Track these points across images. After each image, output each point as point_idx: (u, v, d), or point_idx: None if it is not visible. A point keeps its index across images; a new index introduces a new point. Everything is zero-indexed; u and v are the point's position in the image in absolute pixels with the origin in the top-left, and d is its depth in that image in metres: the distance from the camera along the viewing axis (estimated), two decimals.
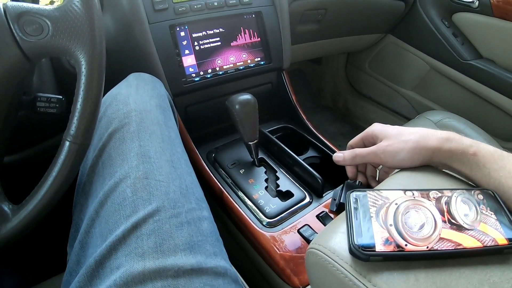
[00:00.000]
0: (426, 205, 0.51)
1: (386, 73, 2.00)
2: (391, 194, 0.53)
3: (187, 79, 0.98)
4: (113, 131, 0.65)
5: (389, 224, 0.48)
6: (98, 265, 0.52)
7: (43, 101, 0.71)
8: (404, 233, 0.47)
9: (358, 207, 0.51)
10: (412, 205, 0.51)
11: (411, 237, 0.47)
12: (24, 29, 0.53)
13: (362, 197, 0.52)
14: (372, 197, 0.52)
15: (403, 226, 0.48)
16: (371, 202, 0.51)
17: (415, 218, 0.49)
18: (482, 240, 0.48)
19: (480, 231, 0.49)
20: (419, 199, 0.52)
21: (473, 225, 0.49)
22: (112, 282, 0.49)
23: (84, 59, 0.54)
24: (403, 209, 0.50)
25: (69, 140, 0.53)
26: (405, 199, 0.52)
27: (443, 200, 0.52)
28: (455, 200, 0.52)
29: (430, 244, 0.46)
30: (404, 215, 0.49)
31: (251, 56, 1.08)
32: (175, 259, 0.51)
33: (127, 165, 0.60)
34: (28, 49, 0.54)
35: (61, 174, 0.54)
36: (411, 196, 0.52)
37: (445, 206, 0.51)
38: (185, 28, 0.97)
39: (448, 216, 0.50)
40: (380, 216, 0.49)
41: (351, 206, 0.51)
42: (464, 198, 0.53)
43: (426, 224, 0.49)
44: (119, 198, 0.57)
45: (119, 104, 0.69)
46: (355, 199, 0.52)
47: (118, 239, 0.53)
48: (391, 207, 0.50)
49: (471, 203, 0.52)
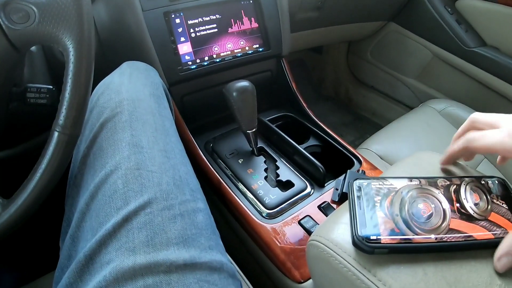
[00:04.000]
0: (434, 193, 0.48)
1: (388, 61, 1.97)
2: (397, 182, 0.50)
3: (183, 67, 0.96)
4: (104, 121, 0.63)
5: (395, 213, 0.46)
6: (88, 260, 0.50)
7: (33, 91, 0.70)
8: (411, 223, 0.45)
9: (361, 196, 0.48)
10: (419, 193, 0.48)
11: (418, 228, 0.44)
12: (10, 17, 0.51)
13: (365, 186, 0.49)
14: (376, 186, 0.49)
15: (410, 216, 0.45)
16: (375, 191, 0.48)
17: (422, 207, 0.47)
18: (494, 231, 0.45)
19: (491, 222, 0.46)
20: (426, 187, 0.49)
21: (484, 215, 0.47)
22: (102, 278, 0.47)
23: (72, 45, 0.52)
24: (410, 198, 0.47)
25: (58, 131, 0.52)
26: (412, 187, 0.49)
27: (452, 189, 0.49)
28: (464, 189, 0.49)
29: (439, 235, 0.44)
30: (411, 204, 0.47)
31: (249, 42, 1.05)
32: (167, 253, 0.49)
33: (118, 155, 0.58)
34: (14, 37, 0.52)
35: (50, 167, 0.52)
36: (418, 184, 0.49)
37: (454, 195, 0.49)
38: (180, 15, 0.95)
39: (457, 206, 0.48)
40: (385, 205, 0.46)
41: (354, 195, 0.49)
42: (474, 186, 0.50)
43: (434, 214, 0.46)
44: (110, 190, 0.55)
45: (111, 93, 0.67)
46: (359, 188, 0.49)
47: (108, 233, 0.51)
48: (397, 195, 0.48)
49: (481, 192, 0.50)
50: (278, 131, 0.99)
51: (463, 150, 0.52)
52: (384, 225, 0.44)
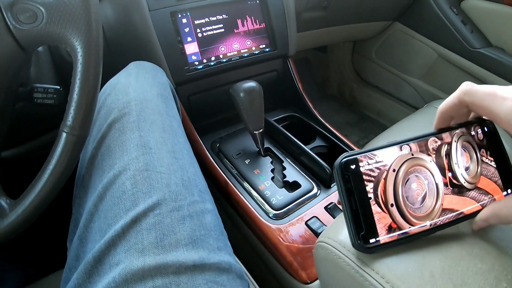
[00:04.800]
0: (427, 164, 0.46)
1: (393, 61, 1.97)
2: (386, 154, 0.45)
3: (189, 67, 0.96)
4: (112, 122, 0.62)
5: (390, 204, 0.44)
6: (97, 261, 0.50)
7: (40, 92, 0.70)
8: (407, 213, 0.44)
9: (352, 188, 0.43)
10: (411, 168, 0.45)
11: (414, 217, 0.44)
12: (18, 17, 0.51)
13: (354, 171, 0.43)
14: (365, 168, 0.44)
15: (405, 203, 0.44)
16: (366, 176, 0.44)
17: (416, 187, 0.45)
18: (482, 201, 0.47)
19: (480, 190, 0.47)
20: (418, 157, 0.46)
21: (473, 182, 0.47)
22: (111, 279, 0.47)
23: (80, 46, 0.52)
24: (403, 177, 0.45)
25: (66, 131, 0.51)
26: (403, 160, 0.45)
27: (443, 151, 0.47)
28: (455, 149, 0.48)
29: (433, 219, 0.45)
30: (405, 186, 0.44)
31: (255, 43, 1.05)
32: (177, 255, 0.49)
33: (126, 156, 0.58)
34: (22, 37, 0.52)
35: (58, 167, 0.52)
36: (409, 152, 0.46)
37: (446, 159, 0.47)
38: (187, 15, 0.95)
39: (449, 176, 0.47)
40: (380, 195, 0.44)
41: (343, 189, 0.43)
42: (465, 142, 0.48)
43: (428, 195, 0.45)
44: (118, 191, 0.55)
45: (118, 94, 0.67)
46: (347, 177, 0.43)
47: (117, 234, 0.50)
48: (389, 176, 0.44)
49: (471, 149, 0.49)
50: (285, 131, 0.99)
51: (458, 105, 0.46)
52: (381, 223, 0.43)
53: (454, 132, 0.49)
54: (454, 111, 0.47)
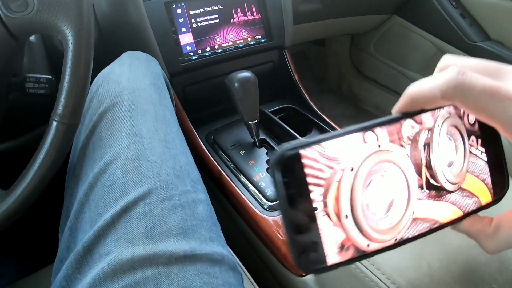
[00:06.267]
0: (398, 159, 0.35)
1: (391, 55, 1.96)
2: (342, 146, 0.33)
3: (184, 57, 0.95)
4: (104, 111, 0.62)
5: (344, 215, 0.33)
6: (87, 251, 0.50)
7: (32, 81, 0.69)
8: (366, 226, 0.33)
9: (293, 192, 0.31)
10: (376, 165, 0.34)
11: (375, 231, 0.34)
12: (8, 5, 0.50)
13: (294, 172, 0.31)
14: (312, 164, 0.32)
15: (364, 213, 0.33)
16: (312, 178, 0.31)
17: (381, 192, 0.34)
18: (464, 206, 0.37)
19: (463, 192, 0.37)
20: (386, 149, 0.35)
21: (456, 182, 0.37)
22: (100, 270, 0.46)
23: (71, 34, 0.52)
24: (364, 179, 0.33)
25: (56, 120, 0.51)
26: (366, 155, 0.34)
27: (422, 140, 0.36)
28: (438, 137, 0.36)
29: (400, 233, 0.35)
30: (366, 191, 0.34)
31: (251, 33, 1.04)
32: (167, 245, 0.48)
33: (117, 145, 0.57)
34: (13, 26, 0.51)
35: (48, 157, 0.52)
36: (375, 144, 0.34)
37: (425, 152, 0.36)
38: (181, 5, 0.94)
39: (427, 175, 0.36)
40: (330, 203, 0.32)
41: (281, 191, 0.31)
42: (451, 126, 0.37)
43: (396, 201, 0.35)
44: (109, 181, 0.54)
45: (111, 83, 0.66)
46: (286, 180, 0.31)
47: (107, 224, 0.50)
48: (345, 178, 0.33)
49: (459, 137, 0.37)
50: (281, 122, 0.98)
51: (439, 100, 0.33)
52: (332, 239, 0.32)
53: (438, 113, 0.37)
54: (430, 104, 0.35)
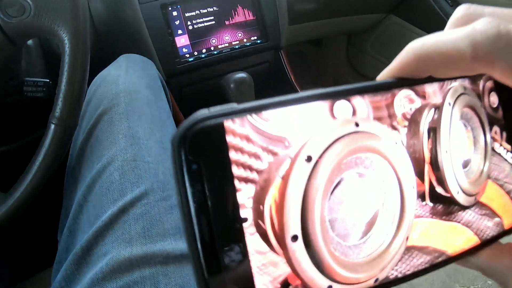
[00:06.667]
0: (386, 149, 0.22)
1: (389, 54, 1.96)
2: (296, 121, 0.20)
3: (180, 59, 0.96)
4: (101, 113, 0.63)
5: (291, 235, 0.19)
6: (85, 252, 0.50)
7: (30, 85, 0.70)
8: (328, 256, 0.20)
9: (206, 190, 0.18)
10: (351, 156, 0.21)
11: (343, 264, 0.21)
12: (5, 10, 0.51)
13: (213, 149, 0.18)
14: (241, 143, 0.19)
15: (326, 234, 0.20)
16: (239, 166, 0.18)
17: (356, 201, 0.21)
18: (482, 230, 0.25)
19: (482, 208, 0.25)
20: (368, 132, 0.21)
21: (474, 193, 0.25)
22: (98, 270, 0.47)
23: (68, 37, 0.53)
24: (328, 176, 0.20)
25: (54, 123, 0.52)
26: (334, 138, 0.20)
27: (425, 123, 0.23)
28: (449, 120, 0.24)
29: (384, 271, 0.22)
30: (331, 197, 0.20)
31: (247, 34, 1.05)
32: (164, 244, 0.49)
33: (115, 147, 0.58)
34: (10, 30, 0.52)
35: (47, 159, 0.53)
36: (351, 121, 0.21)
37: (429, 141, 0.23)
38: (177, 8, 0.94)
39: (431, 178, 0.23)
40: (268, 213, 0.19)
41: (183, 194, 0.17)
42: (467, 108, 0.25)
43: (380, 217, 0.22)
44: (106, 182, 0.55)
45: (108, 86, 0.67)
46: (191, 155, 0.17)
47: (105, 225, 0.51)
48: (297, 172, 0.19)
49: (477, 124, 0.25)
50: None
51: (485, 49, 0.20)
52: (265, 273, 0.19)
53: (449, 86, 0.24)
54: (447, 68, 0.22)
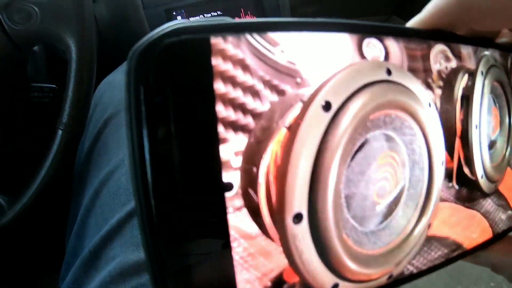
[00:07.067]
0: (420, 111, 0.19)
1: None
2: (312, 52, 0.17)
3: None
4: (108, 118, 0.63)
5: (294, 213, 0.16)
6: (93, 256, 0.51)
7: (37, 90, 0.71)
8: (339, 245, 0.17)
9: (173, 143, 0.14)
10: (381, 112, 0.18)
11: (356, 256, 0.18)
12: (12, 17, 0.52)
13: (192, 80, 0.14)
14: (233, 70, 0.15)
15: (340, 215, 0.17)
16: (228, 106, 0.15)
17: (382, 171, 0.18)
18: (496, 222, 0.23)
19: (499, 198, 0.23)
20: (402, 84, 0.19)
21: (495, 180, 0.23)
22: (107, 273, 0.47)
23: (74, 44, 0.53)
24: (350, 134, 0.17)
25: (61, 129, 0.53)
26: (361, 84, 0.18)
27: (459, 88, 0.21)
28: (480, 91, 0.21)
29: (400, 264, 0.19)
30: (351, 164, 0.17)
31: None
32: None
33: (122, 152, 0.58)
34: (17, 37, 0.53)
35: (54, 164, 0.53)
36: (382, 66, 0.19)
37: (462, 111, 0.20)
38: (181, 12, 0.95)
39: (460, 155, 0.21)
40: (263, 179, 0.16)
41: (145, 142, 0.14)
42: (496, 82, 0.22)
43: (404, 197, 0.19)
44: (114, 187, 0.55)
45: (114, 90, 0.67)
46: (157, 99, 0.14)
47: (113, 229, 0.51)
48: (309, 122, 0.16)
49: (504, 102, 0.23)
50: None
51: None
52: (253, 265, 0.16)
53: (482, 53, 0.22)
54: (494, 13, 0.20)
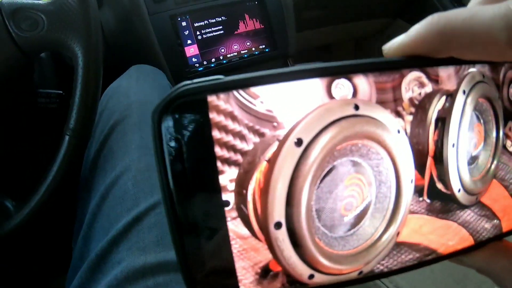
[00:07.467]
0: (388, 138, 0.21)
1: None
2: (287, 99, 0.19)
3: (190, 69, 0.97)
4: (114, 124, 0.64)
5: (275, 222, 0.19)
6: (100, 260, 0.51)
7: (44, 96, 0.71)
8: (312, 246, 0.20)
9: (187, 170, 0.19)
10: (348, 142, 0.20)
11: (327, 255, 0.20)
12: (20, 25, 0.53)
13: (195, 126, 0.19)
14: (225, 121, 0.19)
15: (311, 223, 0.20)
16: (223, 147, 0.19)
17: (347, 191, 0.20)
18: (478, 231, 0.23)
19: (482, 209, 0.23)
20: (369, 116, 0.20)
21: (476, 193, 0.23)
22: (113, 277, 0.48)
23: (80, 51, 0.54)
24: (319, 163, 0.19)
25: (69, 134, 0.53)
26: (329, 121, 0.19)
27: (434, 111, 0.21)
28: (460, 111, 0.22)
29: (369, 264, 0.22)
30: (320, 185, 0.20)
31: (255, 43, 1.06)
32: None
33: (128, 157, 0.59)
34: (24, 44, 0.53)
35: (61, 169, 0.54)
36: (350, 103, 0.20)
37: (436, 132, 0.21)
38: (186, 18, 0.96)
39: (433, 173, 0.22)
40: (251, 197, 0.19)
41: (163, 176, 0.19)
42: (482, 99, 0.22)
43: (372, 209, 0.21)
44: (120, 192, 0.56)
45: (120, 97, 0.68)
46: (174, 130, 0.19)
47: (119, 233, 0.51)
48: (285, 155, 0.19)
49: (490, 117, 0.23)
50: None
51: None
52: (246, 258, 0.20)
53: (466, 72, 0.22)
54: (475, 50, 0.19)
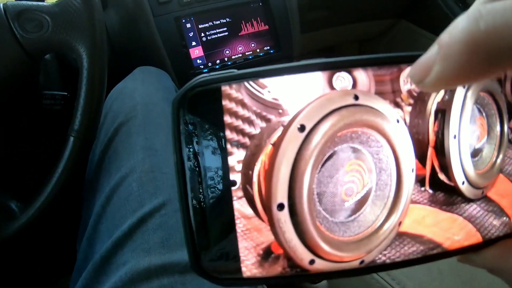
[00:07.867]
0: (387, 127, 0.21)
1: None
2: (292, 89, 0.21)
3: (195, 71, 0.97)
4: (119, 125, 0.64)
5: (277, 203, 0.20)
6: (105, 261, 0.51)
7: (49, 98, 0.72)
8: (313, 230, 0.21)
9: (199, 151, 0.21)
10: (348, 130, 0.21)
11: (328, 240, 0.21)
12: (24, 26, 0.53)
13: (209, 111, 0.21)
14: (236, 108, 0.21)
15: (313, 207, 0.20)
16: (232, 130, 0.20)
17: (348, 177, 0.21)
18: (486, 227, 0.23)
19: (489, 204, 0.23)
20: (368, 106, 0.22)
21: (482, 186, 0.23)
22: (117, 279, 0.48)
23: (85, 52, 0.54)
24: (321, 148, 0.20)
25: (73, 136, 0.53)
26: (330, 109, 0.21)
27: (433, 103, 0.22)
28: (461, 103, 0.22)
29: (371, 254, 0.22)
30: (321, 170, 0.20)
31: (260, 45, 1.06)
32: (182, 254, 0.50)
33: (133, 159, 0.59)
34: (29, 46, 0.54)
35: (66, 171, 0.54)
36: (350, 94, 0.22)
37: (436, 123, 0.22)
38: (191, 20, 0.96)
39: (434, 163, 0.22)
40: (256, 178, 0.20)
41: (179, 146, 0.22)
42: (484, 93, 0.23)
43: (372, 196, 0.21)
44: (125, 193, 0.56)
45: (124, 98, 0.68)
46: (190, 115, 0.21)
47: (124, 235, 0.51)
48: (288, 140, 0.20)
49: (493, 111, 0.23)
50: None
51: None
52: (249, 237, 0.21)
53: None
54: None
